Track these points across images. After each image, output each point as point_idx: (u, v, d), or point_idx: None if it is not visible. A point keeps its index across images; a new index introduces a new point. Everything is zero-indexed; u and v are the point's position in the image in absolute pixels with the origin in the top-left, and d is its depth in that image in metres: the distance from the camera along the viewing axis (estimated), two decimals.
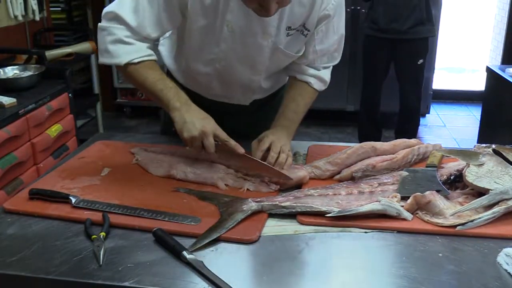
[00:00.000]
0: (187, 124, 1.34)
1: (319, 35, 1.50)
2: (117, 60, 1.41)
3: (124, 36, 1.40)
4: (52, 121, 2.71)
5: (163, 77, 1.43)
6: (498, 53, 5.15)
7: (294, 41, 1.49)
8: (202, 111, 1.39)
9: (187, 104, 1.38)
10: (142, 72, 1.41)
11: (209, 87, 1.60)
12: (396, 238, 1.13)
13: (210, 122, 1.36)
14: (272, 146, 1.41)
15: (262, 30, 1.43)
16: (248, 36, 1.44)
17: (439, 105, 5.25)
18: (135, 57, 1.40)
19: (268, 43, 1.45)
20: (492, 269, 1.02)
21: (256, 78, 1.56)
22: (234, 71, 1.53)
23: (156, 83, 1.40)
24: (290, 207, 1.20)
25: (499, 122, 3.34)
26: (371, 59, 3.86)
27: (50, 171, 1.47)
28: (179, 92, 1.41)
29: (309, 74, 1.58)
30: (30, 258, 1.05)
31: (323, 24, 1.48)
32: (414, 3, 3.56)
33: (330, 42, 1.54)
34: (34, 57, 3.27)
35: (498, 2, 5.33)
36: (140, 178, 1.41)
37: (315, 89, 1.60)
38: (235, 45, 1.46)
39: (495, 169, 1.27)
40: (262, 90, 1.65)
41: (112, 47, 1.40)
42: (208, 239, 1.09)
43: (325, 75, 1.61)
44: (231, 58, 1.50)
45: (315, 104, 1.69)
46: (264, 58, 1.50)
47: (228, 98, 1.64)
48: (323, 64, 1.59)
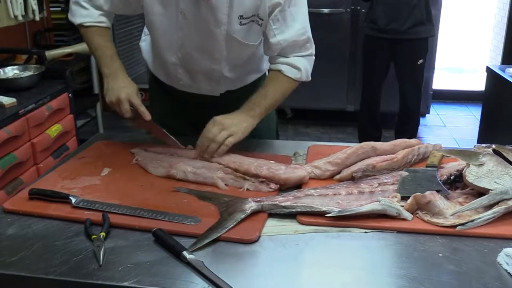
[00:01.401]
0: (109, 91, 1.49)
1: (276, 24, 1.51)
2: (73, 19, 1.61)
3: (82, 0, 1.57)
4: (52, 121, 2.71)
5: (105, 45, 1.56)
6: (498, 53, 5.15)
7: (249, 31, 1.52)
8: (127, 80, 1.52)
9: (115, 73, 1.52)
10: (90, 36, 1.58)
11: (177, 77, 1.67)
12: (396, 238, 1.13)
13: (128, 90, 1.48)
14: (207, 132, 1.46)
15: (213, 18, 1.47)
16: (200, 24, 1.49)
17: (439, 105, 5.25)
18: (85, 21, 1.57)
19: (220, 31, 1.50)
20: (492, 269, 1.02)
21: (216, 67, 1.60)
22: (194, 59, 1.60)
23: (97, 49, 1.56)
24: (290, 207, 1.20)
25: (499, 122, 3.34)
26: (371, 59, 3.86)
27: (50, 171, 1.47)
28: (113, 61, 1.54)
29: (280, 62, 1.58)
30: (30, 258, 1.05)
31: (277, 13, 1.49)
32: (413, 3, 3.56)
33: (292, 32, 1.53)
34: (34, 57, 3.27)
35: (498, 2, 5.33)
36: (140, 178, 1.41)
37: (289, 77, 1.57)
38: (190, 32, 1.52)
39: (495, 169, 1.27)
40: (228, 80, 1.67)
41: (73, 6, 1.61)
42: (208, 239, 1.09)
43: (298, 62, 1.58)
44: (189, 46, 1.56)
45: (315, 104, 1.69)
46: (220, 46, 1.54)
47: (197, 88, 1.69)
48: (294, 54, 1.58)
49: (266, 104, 1.55)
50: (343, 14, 4.40)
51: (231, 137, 1.46)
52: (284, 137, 4.41)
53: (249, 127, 1.51)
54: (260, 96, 1.55)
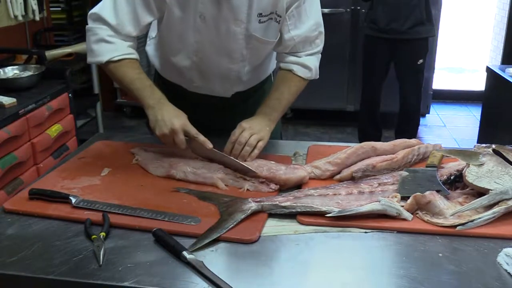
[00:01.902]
0: (159, 122, 1.40)
1: (291, 20, 1.53)
2: (99, 58, 1.49)
3: (106, 35, 1.47)
4: (52, 121, 2.71)
5: (140, 76, 1.48)
6: (498, 53, 5.15)
7: (268, 28, 1.52)
8: (175, 109, 1.44)
9: (161, 103, 1.44)
10: (121, 70, 1.48)
11: (190, 80, 1.65)
12: (396, 238, 1.13)
13: (180, 120, 1.41)
14: (240, 136, 1.44)
15: (233, 17, 1.47)
16: (220, 24, 1.48)
17: (439, 105, 5.25)
18: (115, 55, 1.47)
19: (241, 30, 1.49)
20: (492, 269, 1.02)
21: (234, 67, 1.60)
22: (212, 62, 1.58)
23: (134, 81, 1.47)
24: (290, 207, 1.20)
25: (499, 122, 3.34)
26: (371, 59, 3.86)
27: (50, 171, 1.47)
28: (154, 90, 1.47)
29: (291, 62, 1.60)
30: (30, 258, 1.05)
31: (293, 9, 1.51)
32: (413, 3, 3.55)
33: (306, 28, 1.55)
34: (34, 57, 3.27)
35: (498, 2, 5.32)
36: (140, 178, 1.41)
37: (300, 77, 1.60)
38: (210, 34, 1.50)
39: (495, 169, 1.27)
40: (241, 82, 1.67)
41: (95, 46, 1.48)
42: (208, 239, 1.09)
43: (309, 61, 1.60)
44: (207, 48, 1.54)
45: (315, 104, 1.70)
46: (240, 45, 1.53)
47: (209, 90, 1.68)
48: (305, 51, 1.60)
49: (281, 108, 1.58)
50: (343, 14, 4.40)
51: (261, 141, 1.46)
52: (284, 137, 4.39)
53: (271, 131, 1.53)
54: (275, 99, 1.58)
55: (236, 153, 1.43)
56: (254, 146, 1.44)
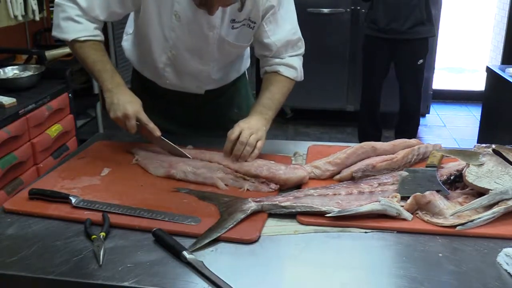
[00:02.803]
0: (113, 105, 1.46)
1: (269, 26, 1.56)
2: (65, 36, 1.53)
3: (75, 14, 1.51)
4: (52, 121, 2.71)
5: (103, 59, 1.53)
6: (498, 53, 5.15)
7: (241, 34, 1.57)
8: (131, 95, 1.50)
9: (118, 87, 1.49)
10: (86, 50, 1.53)
11: (164, 76, 1.67)
12: (396, 238, 1.13)
13: (134, 106, 1.47)
14: (240, 136, 1.44)
15: (207, 22, 1.50)
16: (194, 27, 1.52)
17: (439, 105, 5.25)
18: (81, 35, 1.52)
19: (213, 34, 1.53)
20: (492, 269, 1.02)
21: (205, 68, 1.63)
22: (184, 61, 1.61)
23: (96, 63, 1.52)
24: (290, 207, 1.20)
25: (499, 122, 3.34)
26: (371, 59, 3.86)
27: (50, 171, 1.47)
28: (114, 74, 1.52)
29: (276, 63, 1.62)
30: (30, 258, 1.05)
31: (270, 15, 1.54)
32: (413, 3, 3.55)
33: (285, 32, 1.59)
34: (34, 57, 3.27)
35: (498, 2, 5.32)
36: (140, 178, 1.41)
37: (287, 77, 1.62)
38: (183, 34, 1.54)
39: (495, 169, 1.27)
40: (212, 81, 1.70)
41: (63, 23, 1.53)
42: (208, 239, 1.09)
43: (293, 61, 1.63)
44: (180, 47, 1.57)
45: (315, 104, 1.71)
46: (212, 49, 1.57)
47: (182, 87, 1.71)
48: (288, 53, 1.63)
49: (274, 107, 1.60)
50: (343, 14, 4.40)
51: (260, 141, 1.47)
52: (284, 137, 4.41)
53: (266, 131, 1.53)
54: (267, 99, 1.59)
55: (238, 153, 1.43)
56: (254, 145, 1.45)
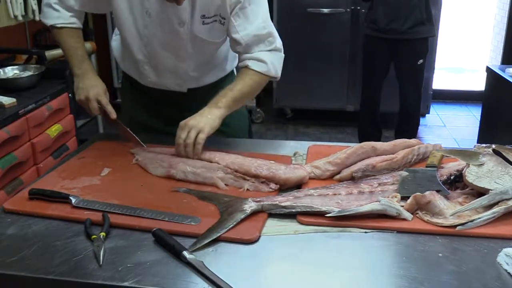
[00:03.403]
0: (78, 89, 1.60)
1: (238, 21, 1.56)
2: (45, 21, 1.67)
3: (53, 2, 1.64)
4: (52, 121, 2.71)
5: (76, 45, 1.64)
6: (498, 53, 5.15)
7: (212, 30, 1.58)
8: (96, 79, 1.62)
9: (85, 73, 1.62)
10: (62, 37, 1.65)
11: (145, 74, 1.71)
12: (396, 238, 1.13)
13: (95, 89, 1.59)
14: (177, 138, 1.49)
15: (176, 17, 1.53)
16: (164, 23, 1.55)
17: (439, 105, 5.24)
18: (57, 22, 1.64)
19: (184, 30, 1.56)
20: (492, 269, 1.02)
21: (181, 65, 1.65)
22: (160, 57, 1.64)
23: (69, 49, 1.64)
24: (290, 207, 1.20)
25: (499, 122, 3.33)
26: (371, 59, 3.86)
27: (50, 171, 1.47)
28: (84, 61, 1.64)
29: (246, 58, 1.62)
30: (30, 258, 1.05)
31: (238, 10, 1.54)
32: (413, 3, 3.55)
33: (253, 28, 1.57)
34: (34, 57, 3.26)
35: (498, 2, 5.32)
36: (140, 178, 1.41)
37: (255, 70, 1.60)
38: (156, 31, 1.58)
39: (495, 169, 1.27)
40: (192, 79, 1.71)
41: (45, 9, 1.67)
42: (208, 239, 1.09)
43: (262, 55, 1.61)
44: (154, 43, 1.61)
45: (315, 104, 1.70)
46: (185, 45, 1.60)
47: (164, 85, 1.73)
48: (258, 49, 1.61)
49: (232, 95, 1.56)
50: (343, 14, 4.40)
51: (200, 133, 1.47)
52: (284, 137, 4.41)
53: (216, 119, 1.52)
54: (227, 89, 1.59)
55: (182, 154, 1.47)
56: (193, 143, 1.46)
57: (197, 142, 1.46)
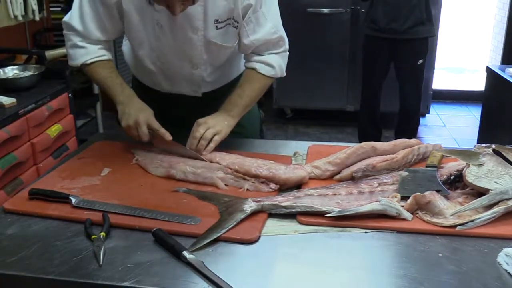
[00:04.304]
0: (125, 115, 1.52)
1: (249, 25, 1.56)
2: (75, 62, 1.61)
3: (78, 41, 1.59)
4: (52, 121, 2.71)
5: (111, 75, 1.60)
6: (498, 53, 5.15)
7: (226, 34, 1.56)
8: (142, 104, 1.56)
9: (129, 98, 1.56)
10: (95, 71, 1.60)
11: (158, 83, 1.71)
12: (396, 238, 1.13)
13: (145, 114, 1.52)
14: (195, 131, 1.51)
15: (189, 25, 1.51)
16: (177, 32, 1.53)
17: (439, 105, 5.25)
18: (87, 59, 1.59)
19: (198, 37, 1.54)
20: (492, 269, 1.02)
21: (196, 72, 1.64)
22: (174, 67, 1.63)
23: (106, 80, 1.59)
24: (290, 207, 1.20)
25: (499, 122, 3.33)
26: (371, 59, 3.86)
27: (50, 171, 1.47)
28: (124, 88, 1.59)
29: (255, 60, 1.62)
30: (30, 258, 1.05)
31: (250, 14, 1.54)
32: (413, 3, 3.55)
33: (264, 32, 1.57)
34: (34, 57, 3.26)
35: (498, 2, 5.32)
36: (140, 178, 1.41)
37: (263, 74, 1.62)
38: (168, 41, 1.56)
39: (495, 169, 1.27)
40: (208, 84, 1.71)
41: (71, 51, 1.62)
42: (208, 239, 1.09)
43: (271, 59, 1.62)
44: (168, 54, 1.60)
45: (315, 104, 1.70)
46: (199, 51, 1.58)
47: (178, 91, 1.72)
48: (268, 51, 1.62)
49: (243, 103, 1.60)
50: (343, 14, 4.40)
51: (217, 135, 1.52)
52: (284, 137, 4.41)
53: (231, 126, 1.57)
54: (236, 96, 1.60)
55: (193, 147, 1.50)
56: (209, 139, 1.50)
57: (212, 141, 1.51)
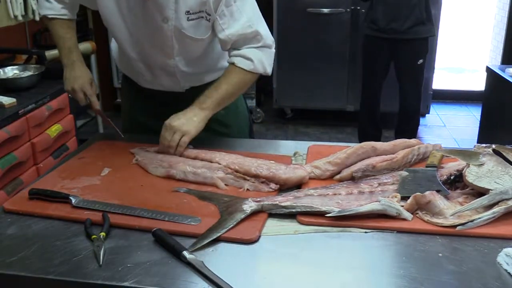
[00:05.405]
0: (65, 80, 1.67)
1: (223, 19, 1.54)
2: (39, 11, 1.72)
3: None
4: (52, 121, 2.71)
5: (65, 36, 1.68)
6: (498, 53, 5.15)
7: (198, 26, 1.56)
8: (82, 70, 1.67)
9: (72, 63, 1.67)
10: (53, 27, 1.69)
11: (140, 73, 1.72)
12: (396, 238, 1.13)
13: (81, 80, 1.65)
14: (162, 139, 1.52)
15: (160, 14, 1.52)
16: (149, 20, 1.54)
17: (439, 105, 5.25)
18: (49, 13, 1.68)
19: (168, 26, 1.54)
20: (492, 269, 1.02)
21: (170, 62, 1.64)
22: (149, 54, 1.65)
23: (59, 39, 1.68)
24: (290, 207, 1.20)
25: (499, 122, 3.33)
26: (371, 59, 3.86)
27: (50, 171, 1.47)
28: (71, 52, 1.68)
29: (233, 55, 1.61)
30: (30, 258, 1.05)
31: (224, 8, 1.52)
32: (413, 3, 3.55)
33: (239, 26, 1.55)
34: (34, 57, 3.26)
35: (498, 2, 5.32)
36: (140, 178, 1.41)
37: (242, 68, 1.59)
38: (141, 28, 1.58)
39: (495, 169, 1.27)
40: (187, 76, 1.70)
41: (40, 0, 1.71)
42: (208, 239, 1.09)
43: (249, 53, 1.59)
44: (142, 41, 1.62)
45: (315, 104, 1.70)
46: (169, 41, 1.58)
47: (160, 85, 1.73)
48: (245, 46, 1.60)
49: (217, 96, 1.56)
50: (343, 14, 4.40)
51: (185, 136, 1.51)
52: (284, 137, 4.42)
53: (201, 121, 1.54)
54: (212, 88, 1.58)
55: (165, 152, 1.51)
56: (176, 145, 1.50)
57: (180, 145, 1.50)
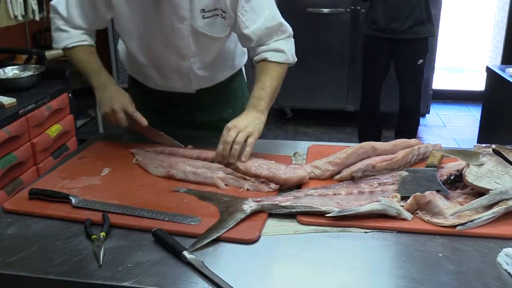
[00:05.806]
0: (101, 102, 1.56)
1: (246, 16, 1.53)
2: (57, 45, 1.65)
3: (61, 25, 1.62)
4: (52, 121, 2.71)
5: (90, 60, 1.63)
6: (498, 53, 5.15)
7: (213, 24, 1.55)
8: (117, 89, 1.57)
9: (104, 84, 1.58)
10: (75, 55, 1.64)
11: (150, 77, 1.70)
12: (396, 238, 1.13)
13: (121, 100, 1.54)
14: (227, 136, 1.42)
15: (175, 14, 1.51)
16: (163, 21, 1.53)
17: (439, 105, 5.25)
18: (69, 43, 1.63)
19: (184, 26, 1.53)
20: (492, 269, 1.02)
21: (185, 63, 1.62)
22: (163, 58, 1.63)
23: (85, 65, 1.62)
24: (290, 207, 1.20)
25: (499, 122, 3.33)
26: (371, 59, 3.86)
27: (50, 171, 1.47)
28: (100, 73, 1.61)
29: (262, 51, 1.59)
30: (30, 258, 1.05)
31: (244, 4, 1.52)
32: (413, 3, 3.55)
33: (263, 20, 1.55)
34: (34, 57, 3.27)
35: (498, 2, 5.32)
36: (140, 178, 1.41)
37: (276, 62, 1.57)
38: (156, 31, 1.56)
39: (495, 169, 1.27)
40: (199, 78, 1.68)
41: (55, 34, 1.65)
42: (208, 239, 1.09)
43: (280, 45, 1.58)
44: (156, 45, 1.60)
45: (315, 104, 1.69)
46: (186, 42, 1.57)
47: (170, 87, 1.71)
48: (272, 40, 1.59)
49: (267, 95, 1.54)
50: (343, 14, 4.40)
51: (250, 137, 1.44)
52: (284, 137, 4.42)
53: (261, 123, 1.50)
54: (259, 89, 1.54)
55: (225, 153, 1.41)
56: (242, 143, 1.42)
57: (248, 144, 1.42)
